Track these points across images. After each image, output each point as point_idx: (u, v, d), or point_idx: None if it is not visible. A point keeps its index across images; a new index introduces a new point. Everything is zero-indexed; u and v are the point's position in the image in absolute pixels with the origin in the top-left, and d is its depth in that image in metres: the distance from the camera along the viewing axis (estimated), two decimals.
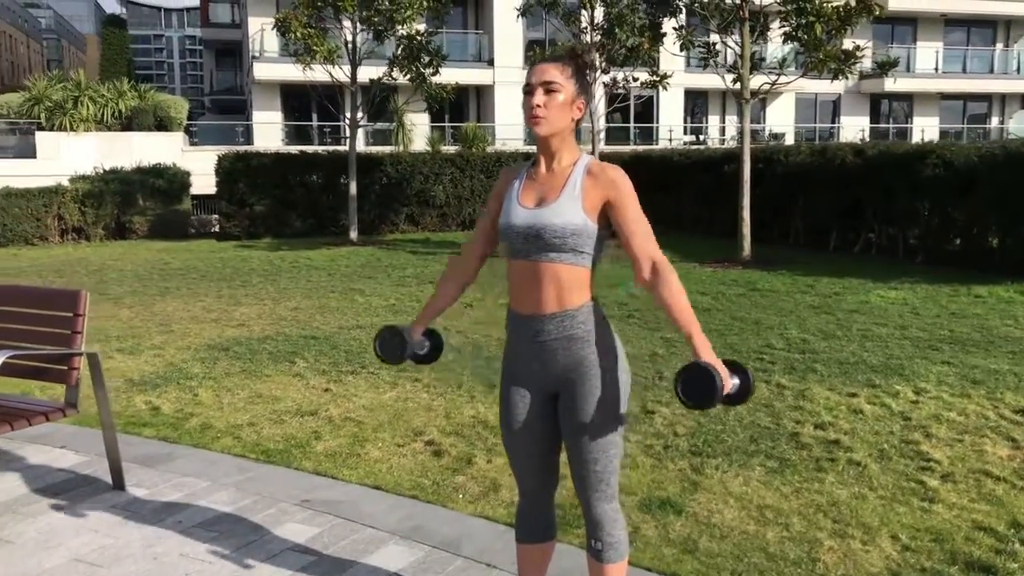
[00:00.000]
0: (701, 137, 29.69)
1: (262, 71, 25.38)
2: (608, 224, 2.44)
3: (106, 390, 4.02)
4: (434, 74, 15.45)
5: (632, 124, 28.97)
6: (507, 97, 26.33)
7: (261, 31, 24.93)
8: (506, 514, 3.72)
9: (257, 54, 25.78)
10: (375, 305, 9.20)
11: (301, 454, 4.53)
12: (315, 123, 26.74)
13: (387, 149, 21.27)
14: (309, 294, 10.08)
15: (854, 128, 30.32)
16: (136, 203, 18.73)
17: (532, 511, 2.68)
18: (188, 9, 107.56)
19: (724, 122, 30.25)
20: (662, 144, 27.13)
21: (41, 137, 24.60)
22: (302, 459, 4.45)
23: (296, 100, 26.81)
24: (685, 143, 27.59)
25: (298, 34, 14.24)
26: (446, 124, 26.86)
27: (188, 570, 3.24)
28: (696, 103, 30.26)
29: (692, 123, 30.36)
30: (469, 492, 3.98)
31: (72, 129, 24.54)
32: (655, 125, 29.07)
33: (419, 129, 24.52)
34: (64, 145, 24.22)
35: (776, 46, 16.17)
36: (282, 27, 14.57)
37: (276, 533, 3.56)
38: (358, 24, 15.17)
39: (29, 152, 24.95)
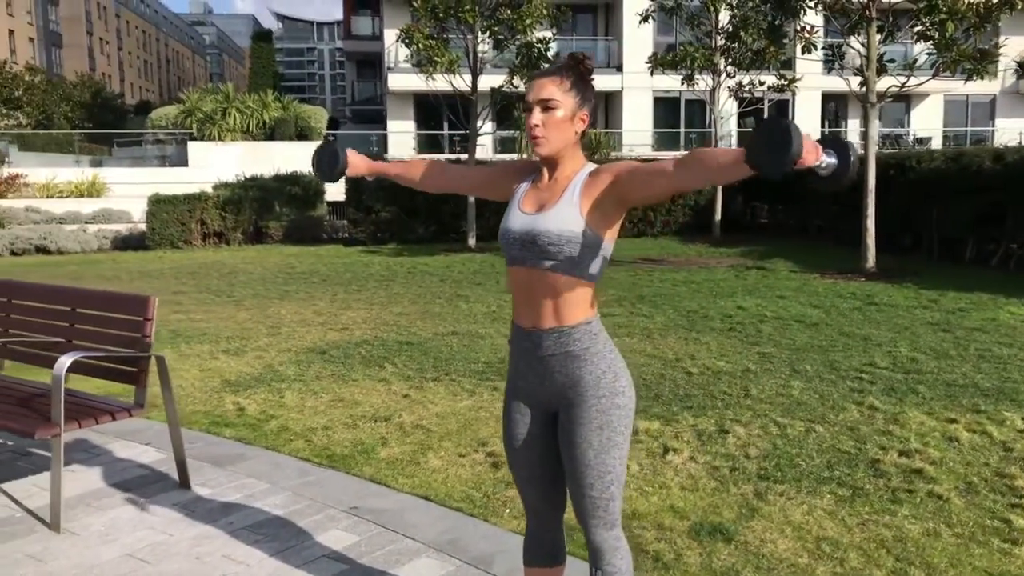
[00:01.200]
0: None
1: (396, 81, 26.12)
2: (609, 233, 2.34)
3: (172, 391, 4.20)
4: None
5: None
6: (635, 103, 26.06)
7: (396, 43, 25.69)
8: None
9: (392, 65, 26.55)
10: (476, 312, 9.27)
11: (364, 460, 4.60)
12: (446, 132, 27.27)
13: (513, 156, 21.45)
14: (416, 299, 10.27)
15: (1013, 131, 28.30)
16: (273, 209, 19.60)
17: (538, 533, 2.61)
18: (337, 23, 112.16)
19: (864, 126, 28.86)
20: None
21: (193, 146, 26.22)
22: (363, 465, 4.51)
23: (428, 110, 27.44)
24: None
25: (420, 45, 14.55)
26: None
27: (225, 571, 3.34)
28: (836, 106, 29.03)
29: (830, 127, 29.13)
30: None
31: (220, 139, 26.03)
32: None
33: None
34: (213, 154, 25.72)
35: (904, 46, 15.31)
36: (406, 38, 14.93)
37: (318, 539, 3.61)
38: (479, 34, 15.36)
39: (183, 160, 26.66)
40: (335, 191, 20.68)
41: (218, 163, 24.93)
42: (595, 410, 2.35)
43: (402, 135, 26.99)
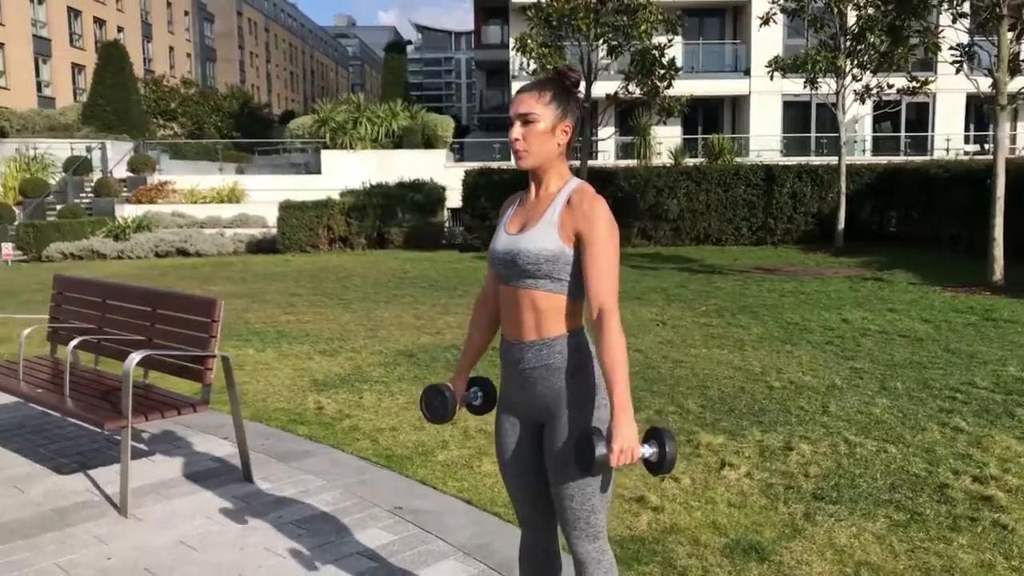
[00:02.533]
0: (987, 147, 26.78)
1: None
2: None
3: (236, 390, 4.42)
4: (668, 87, 15.28)
5: (903, 133, 26.77)
6: (763, 107, 25.38)
7: (515, 51, 26.00)
8: None
9: (516, 73, 26.86)
10: None
11: (421, 461, 4.71)
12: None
13: (632, 163, 21.31)
14: None
15: None
16: (395, 215, 20.22)
17: (531, 544, 2.62)
18: (470, 33, 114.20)
19: (1016, 129, 27.06)
20: (937, 155, 24.82)
21: (326, 155, 27.32)
22: (419, 467, 4.62)
23: None
24: (966, 153, 25.03)
25: (534, 53, 14.69)
26: (698, 136, 26.38)
27: (262, 563, 3.50)
28: (981, 109, 27.35)
29: (976, 131, 27.47)
30: None
31: (352, 147, 27.00)
32: (929, 134, 26.65)
33: (670, 142, 24.32)
34: (344, 162, 26.72)
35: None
36: (520, 47, 15.11)
37: (356, 536, 3.74)
38: (593, 41, 15.36)
39: (317, 168, 27.81)
40: (455, 198, 21.13)
41: (349, 171, 25.86)
42: (576, 422, 2.36)
43: None
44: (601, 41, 15.30)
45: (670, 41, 15.55)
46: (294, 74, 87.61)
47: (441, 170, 25.22)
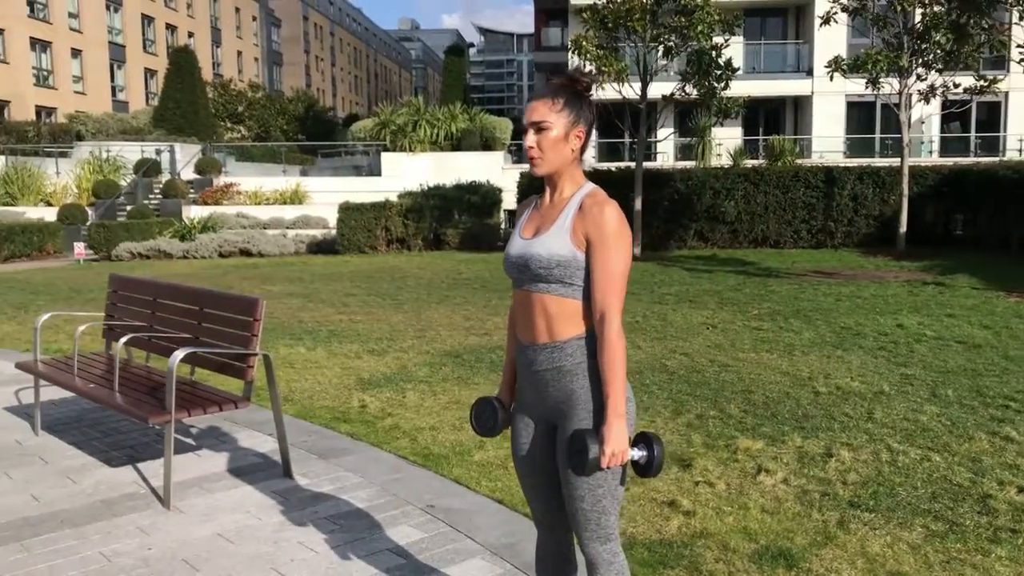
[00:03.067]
0: None
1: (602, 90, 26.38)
2: None
3: (277, 387, 4.53)
4: (725, 88, 15.12)
5: (973, 133, 26.00)
6: (826, 108, 24.91)
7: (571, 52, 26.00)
8: None
9: None
10: None
11: (457, 461, 4.76)
12: (627, 140, 27.22)
13: (691, 164, 21.13)
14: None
15: None
16: (452, 217, 20.35)
17: (546, 545, 2.64)
18: (530, 35, 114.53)
19: None
20: (1009, 155, 24.05)
21: (386, 157, 27.65)
22: (455, 466, 4.67)
23: (609, 118, 27.51)
24: None
25: (588, 55, 14.67)
26: (759, 137, 26.02)
27: (295, 556, 3.59)
28: None
29: None
30: None
31: (411, 150, 27.29)
32: (1001, 134, 25.83)
33: (730, 143, 24.04)
34: (404, 164, 27.02)
35: None
36: (575, 49, 15.10)
37: (388, 533, 3.80)
38: (649, 42, 15.28)
39: (377, 170, 28.18)
40: (511, 200, 21.19)
41: (408, 173, 26.15)
42: (586, 423, 2.37)
43: None
44: (657, 42, 15.20)
45: (727, 41, 15.37)
46: (358, 77, 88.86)
47: (499, 172, 25.33)
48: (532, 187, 18.09)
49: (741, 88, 15.92)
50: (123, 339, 4.67)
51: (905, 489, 4.20)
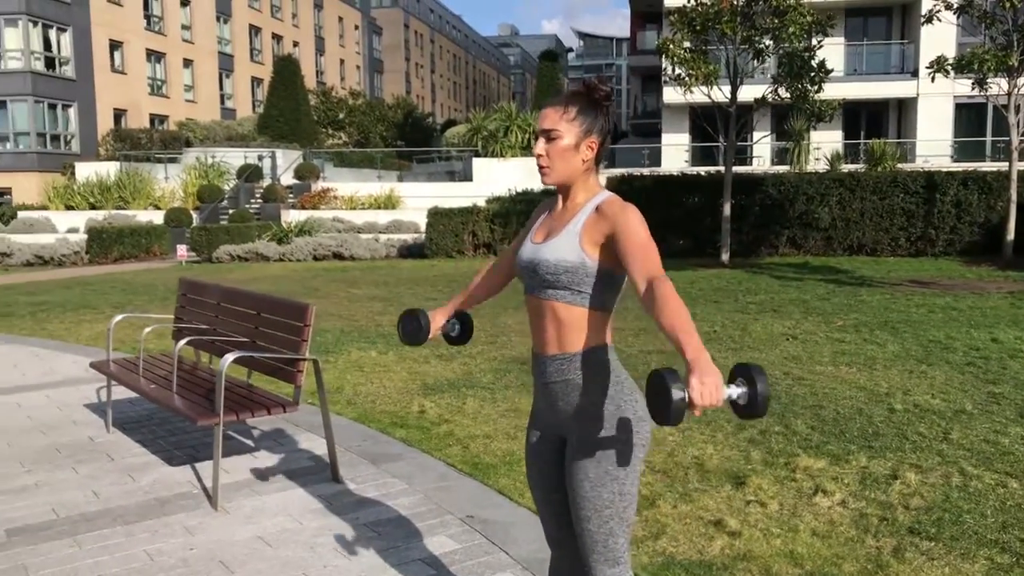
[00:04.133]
0: None
1: (670, 94, 26.00)
2: (619, 264, 2.27)
3: (325, 392, 4.57)
4: (818, 91, 14.64)
5: None
6: (932, 110, 23.85)
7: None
8: (648, 562, 3.54)
9: (667, 78, 26.49)
10: (697, 330, 9.03)
11: (506, 471, 4.71)
12: (721, 144, 26.69)
13: (785, 168, 20.55)
14: (641, 316, 10.20)
15: None
16: None
17: (558, 565, 2.57)
18: (626, 39, 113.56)
19: None
20: None
21: (477, 163, 27.88)
22: (501, 476, 4.62)
23: (705, 121, 27.05)
24: None
25: (676, 58, 14.43)
26: (860, 141, 25.11)
27: (328, 563, 3.60)
28: None
29: None
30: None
31: (502, 155, 27.42)
32: None
33: (829, 146, 23.29)
34: (494, 169, 27.18)
35: None
36: (662, 52, 14.88)
37: (424, 542, 3.78)
38: (740, 44, 14.93)
39: (468, 175, 28.43)
40: None
41: (499, 178, 26.29)
42: (593, 441, 2.29)
43: (676, 148, 26.81)
44: (748, 44, 14.84)
45: (820, 43, 14.87)
46: (457, 83, 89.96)
47: None
48: (619, 192, 17.90)
49: (841, 90, 15.39)
50: (182, 341, 4.80)
51: (973, 517, 3.93)
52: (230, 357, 4.25)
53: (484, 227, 19.78)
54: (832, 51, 24.06)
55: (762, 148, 25.67)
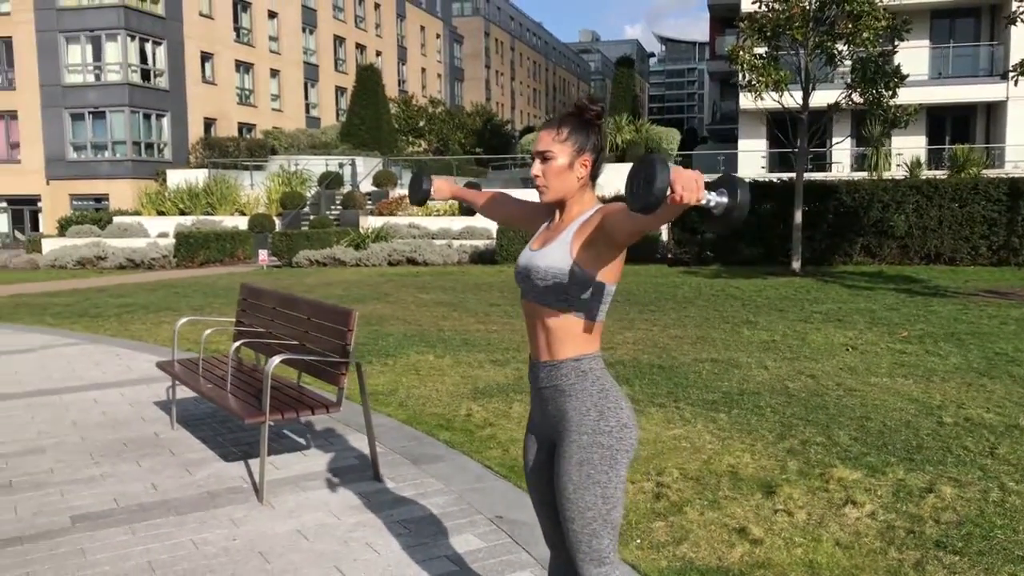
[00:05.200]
0: None
1: (746, 100, 25.67)
2: (608, 273, 2.38)
3: (367, 395, 4.77)
4: (893, 96, 14.32)
5: None
6: (1022, 115, 22.97)
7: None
8: (665, 567, 3.62)
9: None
10: (754, 340, 9.00)
11: None
12: (794, 149, 26.23)
13: (863, 175, 20.09)
14: (702, 323, 10.19)
15: None
16: None
17: (557, 565, 2.68)
18: (703, 43, 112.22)
19: None
20: None
21: None
22: None
23: (783, 127, 26.64)
24: None
25: (744, 65, 14.32)
26: (945, 146, 24.36)
27: (358, 557, 3.79)
28: None
29: None
30: (651, 539, 3.92)
31: None
32: None
33: (911, 152, 22.68)
34: None
35: None
36: (733, 58, 14.79)
37: (450, 541, 3.94)
38: (812, 49, 14.72)
39: None
40: None
41: None
42: (576, 446, 2.40)
43: (752, 154, 26.45)
44: (820, 49, 14.62)
45: (896, 46, 14.55)
46: (536, 90, 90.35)
47: None
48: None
49: (925, 95, 15.02)
50: (237, 343, 5.07)
51: (1004, 532, 3.89)
52: (275, 359, 4.49)
53: None
54: (915, 54, 23.42)
55: (841, 154, 25.12)
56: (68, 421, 6.23)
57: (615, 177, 25.01)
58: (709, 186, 1.93)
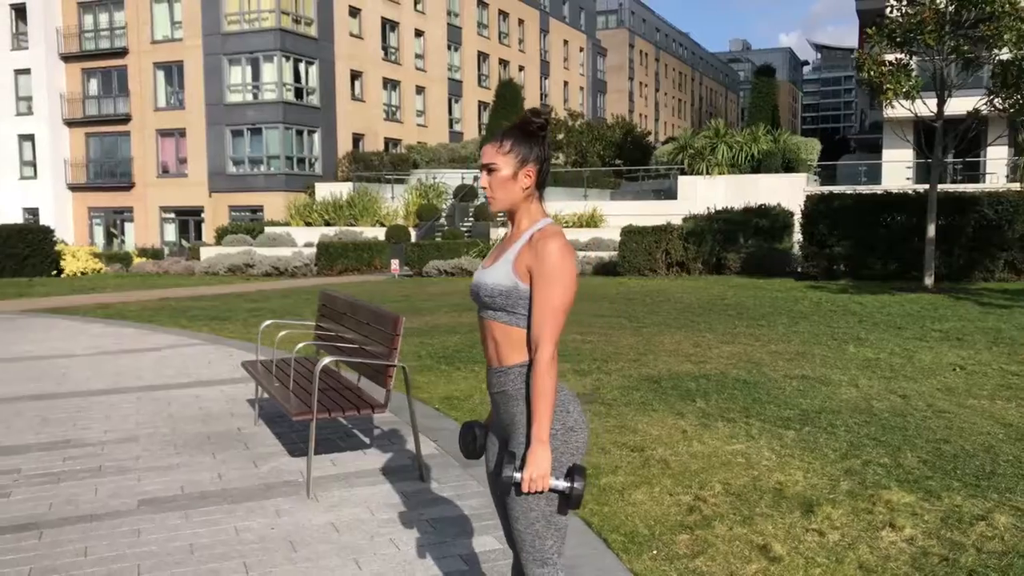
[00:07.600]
0: None
1: (890, 108, 24.52)
2: None
3: (412, 398, 4.95)
4: None
5: None
6: None
7: None
8: None
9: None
10: (857, 357, 8.63)
11: None
12: (950, 160, 24.78)
13: (1015, 186, 18.78)
14: (808, 339, 9.85)
15: None
16: (736, 240, 19.92)
17: (515, 564, 2.75)
18: (851, 50, 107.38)
19: None
20: None
21: (682, 180, 27.66)
22: None
23: (931, 137, 25.27)
24: None
25: (871, 72, 13.75)
26: None
27: (379, 551, 3.95)
28: None
29: None
30: (669, 551, 3.89)
31: (708, 172, 27.04)
32: None
33: None
34: (698, 187, 26.85)
35: None
36: (859, 66, 14.22)
37: (470, 541, 4.04)
38: (947, 55, 13.95)
39: (673, 193, 28.27)
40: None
41: (703, 195, 25.96)
42: (520, 448, 2.48)
43: (896, 164, 25.22)
44: (956, 54, 13.83)
45: None
46: (682, 101, 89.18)
47: (800, 194, 24.23)
48: (817, 211, 17.22)
49: None
50: (300, 345, 5.36)
51: None
52: (324, 361, 4.74)
53: (677, 245, 19.65)
54: None
55: (996, 164, 23.58)
56: (166, 414, 6.74)
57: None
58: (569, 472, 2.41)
